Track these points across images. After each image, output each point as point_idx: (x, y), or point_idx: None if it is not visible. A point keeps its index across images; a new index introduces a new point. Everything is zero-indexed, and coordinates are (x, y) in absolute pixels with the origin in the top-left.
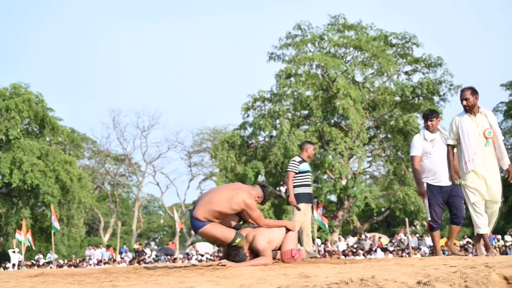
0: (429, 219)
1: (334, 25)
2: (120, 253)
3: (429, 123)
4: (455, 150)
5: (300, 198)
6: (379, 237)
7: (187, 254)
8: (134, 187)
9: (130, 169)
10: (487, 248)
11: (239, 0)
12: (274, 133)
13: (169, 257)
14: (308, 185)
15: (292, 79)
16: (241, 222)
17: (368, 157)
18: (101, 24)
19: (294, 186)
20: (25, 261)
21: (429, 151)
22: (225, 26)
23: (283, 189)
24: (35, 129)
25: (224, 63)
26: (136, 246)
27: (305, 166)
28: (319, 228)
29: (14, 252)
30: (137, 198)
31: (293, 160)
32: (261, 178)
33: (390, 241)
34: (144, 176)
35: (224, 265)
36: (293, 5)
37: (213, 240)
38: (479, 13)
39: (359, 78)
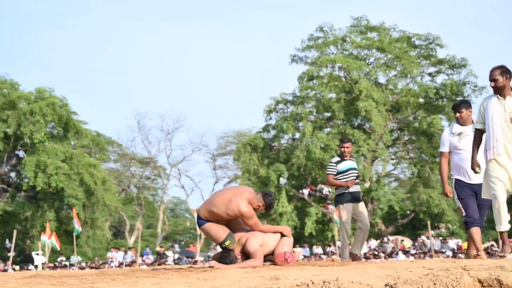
0: (464, 215)
1: (357, 26)
2: (142, 255)
3: (458, 114)
4: (484, 136)
5: (344, 198)
6: (401, 240)
7: (209, 256)
8: (159, 190)
9: (155, 172)
10: (504, 247)
11: (261, 3)
12: (296, 135)
13: (190, 259)
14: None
15: (314, 81)
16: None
17: (392, 159)
18: (125, 27)
19: (338, 187)
20: (48, 263)
21: (456, 146)
22: (248, 29)
23: (306, 191)
24: (59, 133)
25: (247, 65)
26: (158, 248)
27: (345, 165)
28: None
29: (37, 254)
30: (162, 201)
31: (330, 162)
32: (283, 181)
33: (413, 244)
34: (169, 179)
35: (212, 267)
36: (315, 8)
37: (210, 238)
38: (504, 14)
39: (382, 80)
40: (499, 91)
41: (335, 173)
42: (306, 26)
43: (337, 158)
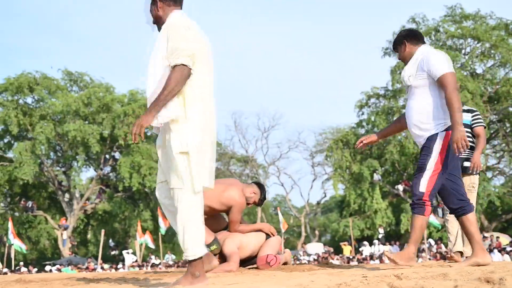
0: None
1: (451, 16)
2: None
3: None
4: None
5: None
6: (497, 237)
7: (295, 256)
8: None
9: (254, 170)
10: None
11: None
12: None
13: None
14: None
15: None
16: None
17: (494, 152)
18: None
19: None
20: (137, 262)
21: None
22: (339, 24)
23: (400, 187)
24: (153, 133)
25: (339, 60)
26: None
27: None
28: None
29: (128, 253)
30: None
31: None
32: (377, 177)
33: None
34: (268, 176)
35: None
36: None
37: None
38: None
39: (479, 70)
40: None
41: None
42: (397, 18)
43: None
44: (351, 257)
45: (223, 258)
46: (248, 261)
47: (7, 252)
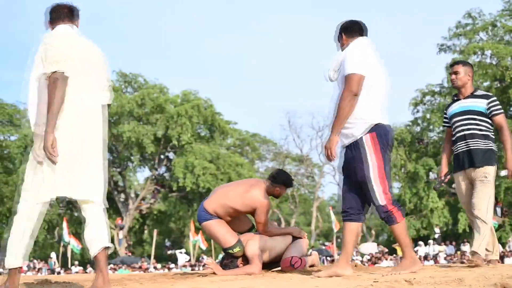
0: None
1: (508, 10)
2: None
3: None
4: None
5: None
6: None
7: None
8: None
9: (309, 169)
10: None
11: None
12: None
13: (329, 258)
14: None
15: None
16: (253, 229)
17: None
18: (272, 26)
19: None
20: (190, 262)
21: None
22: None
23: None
24: (206, 134)
25: (393, 57)
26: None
27: (453, 108)
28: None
29: (181, 253)
30: (315, 198)
31: None
32: (432, 175)
33: None
34: (323, 176)
35: (209, 264)
36: None
37: (212, 238)
38: None
39: None
40: None
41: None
42: (453, 14)
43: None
44: None
45: (246, 260)
46: (274, 264)
47: (62, 251)
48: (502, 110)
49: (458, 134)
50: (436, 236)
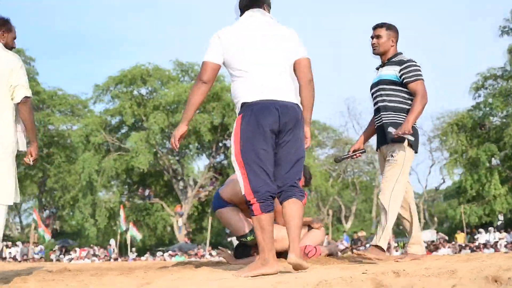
0: None
1: None
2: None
3: None
4: None
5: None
6: None
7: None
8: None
9: (369, 155)
10: None
11: None
12: (509, 112)
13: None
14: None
15: None
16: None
17: None
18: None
19: None
20: None
21: None
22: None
23: None
24: None
25: (453, 41)
26: (360, 234)
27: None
28: None
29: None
30: (376, 185)
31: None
32: (494, 161)
33: None
34: None
35: (221, 251)
36: None
37: (225, 225)
38: None
39: None
40: None
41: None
42: None
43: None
44: (463, 245)
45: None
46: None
47: (120, 239)
48: (418, 77)
49: (374, 107)
50: (499, 223)
